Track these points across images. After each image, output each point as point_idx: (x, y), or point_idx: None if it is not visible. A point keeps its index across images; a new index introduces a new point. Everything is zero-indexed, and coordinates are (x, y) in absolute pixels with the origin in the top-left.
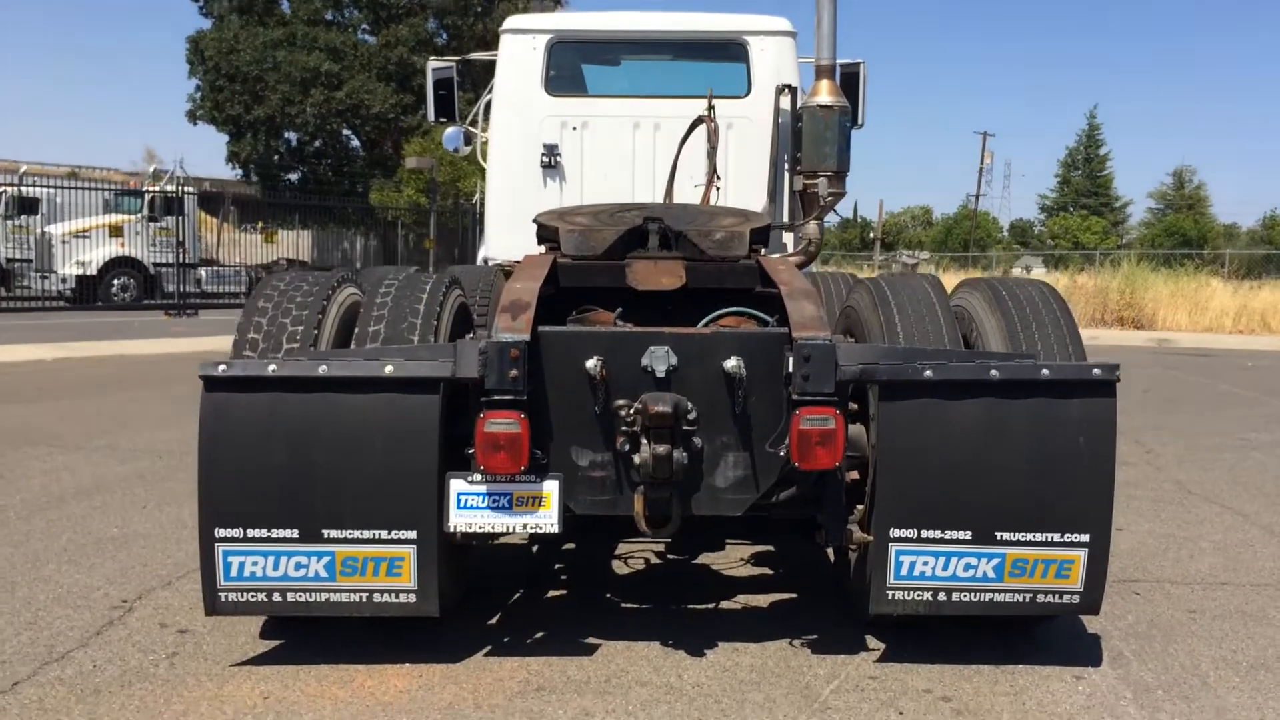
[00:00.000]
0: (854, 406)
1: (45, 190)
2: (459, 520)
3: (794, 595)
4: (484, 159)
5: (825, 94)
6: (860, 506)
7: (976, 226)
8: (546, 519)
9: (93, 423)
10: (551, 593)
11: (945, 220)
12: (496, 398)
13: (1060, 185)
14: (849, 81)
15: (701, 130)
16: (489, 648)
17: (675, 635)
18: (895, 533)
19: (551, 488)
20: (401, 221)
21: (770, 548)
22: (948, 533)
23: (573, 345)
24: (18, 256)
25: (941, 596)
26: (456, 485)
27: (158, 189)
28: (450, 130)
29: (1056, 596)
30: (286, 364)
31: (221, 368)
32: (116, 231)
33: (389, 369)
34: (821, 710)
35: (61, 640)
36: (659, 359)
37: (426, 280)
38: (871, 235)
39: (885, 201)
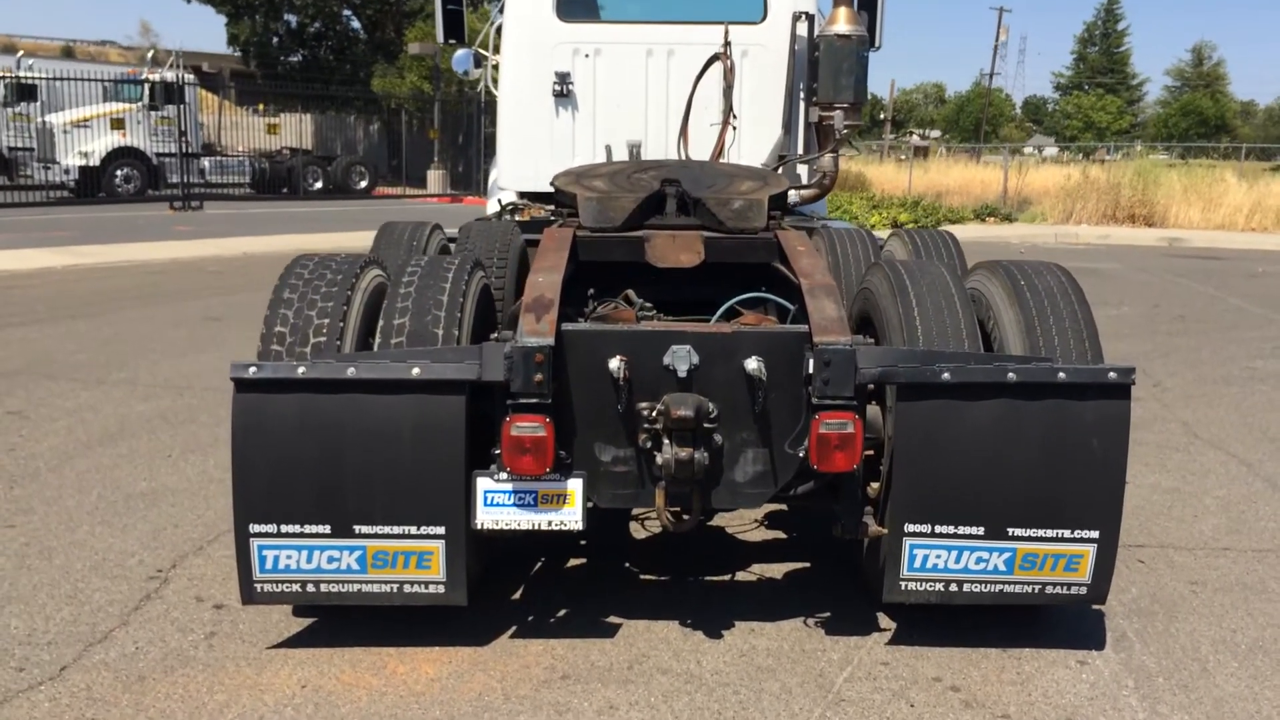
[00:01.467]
0: (870, 386)
1: (43, 80)
2: (485, 517)
3: (807, 565)
4: (494, 86)
5: (843, 22)
6: (875, 484)
7: (990, 105)
8: (570, 516)
9: (110, 351)
10: (572, 561)
11: (957, 98)
12: (522, 400)
13: (1076, 62)
14: (868, 3)
15: (717, 67)
16: (514, 628)
17: (693, 614)
18: (910, 527)
19: (575, 486)
20: (405, 109)
21: (783, 506)
22: (961, 528)
23: (596, 345)
24: (19, 145)
25: (953, 587)
26: (483, 484)
27: (157, 76)
28: (460, 52)
29: (1064, 588)
30: (316, 366)
31: (252, 370)
32: (118, 124)
33: (416, 371)
34: (835, 702)
35: (103, 617)
36: (681, 358)
37: (449, 267)
38: (882, 115)
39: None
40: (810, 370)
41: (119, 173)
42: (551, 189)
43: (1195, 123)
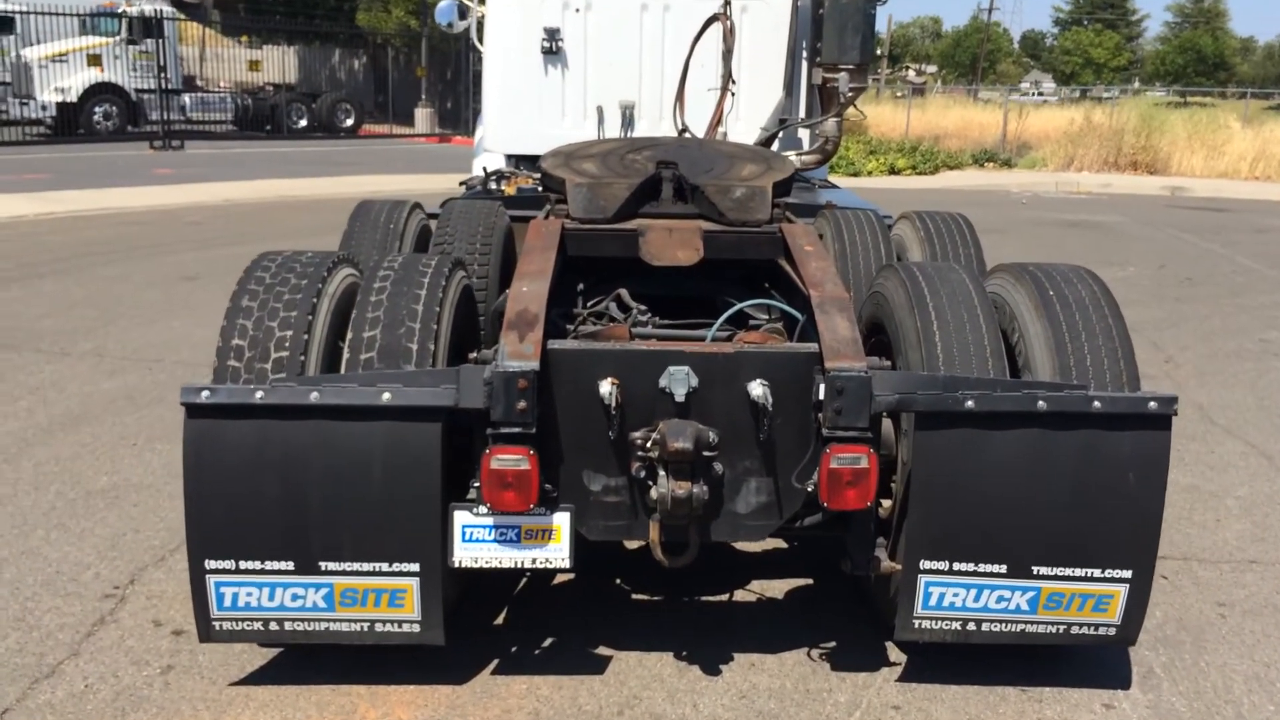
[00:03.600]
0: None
1: (18, 13)
2: (463, 554)
3: (809, 581)
4: (480, 40)
5: None
6: (887, 503)
7: (988, 40)
8: (557, 553)
9: (78, 316)
10: (558, 576)
11: (955, 33)
12: (504, 430)
13: None
14: None
15: (715, 28)
16: (496, 662)
17: (689, 645)
18: (926, 564)
19: (563, 520)
20: (392, 45)
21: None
22: (981, 565)
23: (585, 366)
24: None
25: (970, 626)
26: (461, 517)
27: (135, 9)
28: (444, 2)
29: (1092, 629)
30: (276, 390)
31: (205, 394)
32: (95, 60)
33: (386, 397)
34: None
35: (52, 645)
36: (678, 381)
37: (425, 269)
38: (879, 51)
39: (894, 12)
40: (821, 396)
41: (98, 110)
42: (540, 170)
43: (1194, 60)
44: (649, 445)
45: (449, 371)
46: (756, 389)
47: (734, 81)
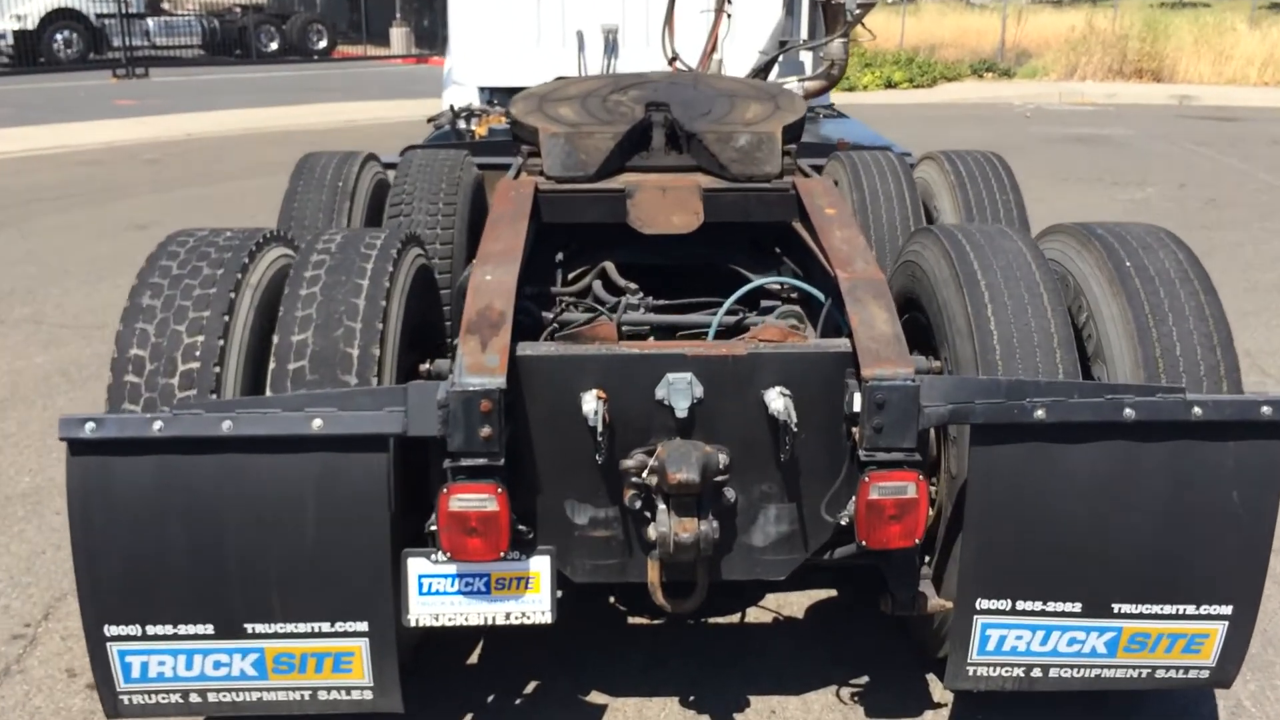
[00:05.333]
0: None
1: None
2: (421, 610)
3: (833, 593)
4: None
5: None
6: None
7: None
8: (536, 605)
9: (17, 276)
10: None
11: None
12: (465, 463)
13: None
14: None
15: None
16: (468, 718)
17: (697, 686)
18: (983, 603)
19: (541, 566)
20: None
21: None
22: (1050, 604)
23: (564, 375)
24: None
25: (1035, 673)
26: (417, 566)
27: None
28: None
29: (1180, 671)
30: (179, 419)
31: (90, 426)
32: None
33: (317, 424)
34: None
35: None
36: (679, 392)
37: (370, 248)
38: None
39: None
40: (856, 408)
41: (58, 37)
42: (509, 117)
43: None
44: (645, 472)
45: (394, 390)
46: (776, 401)
47: (729, 1)
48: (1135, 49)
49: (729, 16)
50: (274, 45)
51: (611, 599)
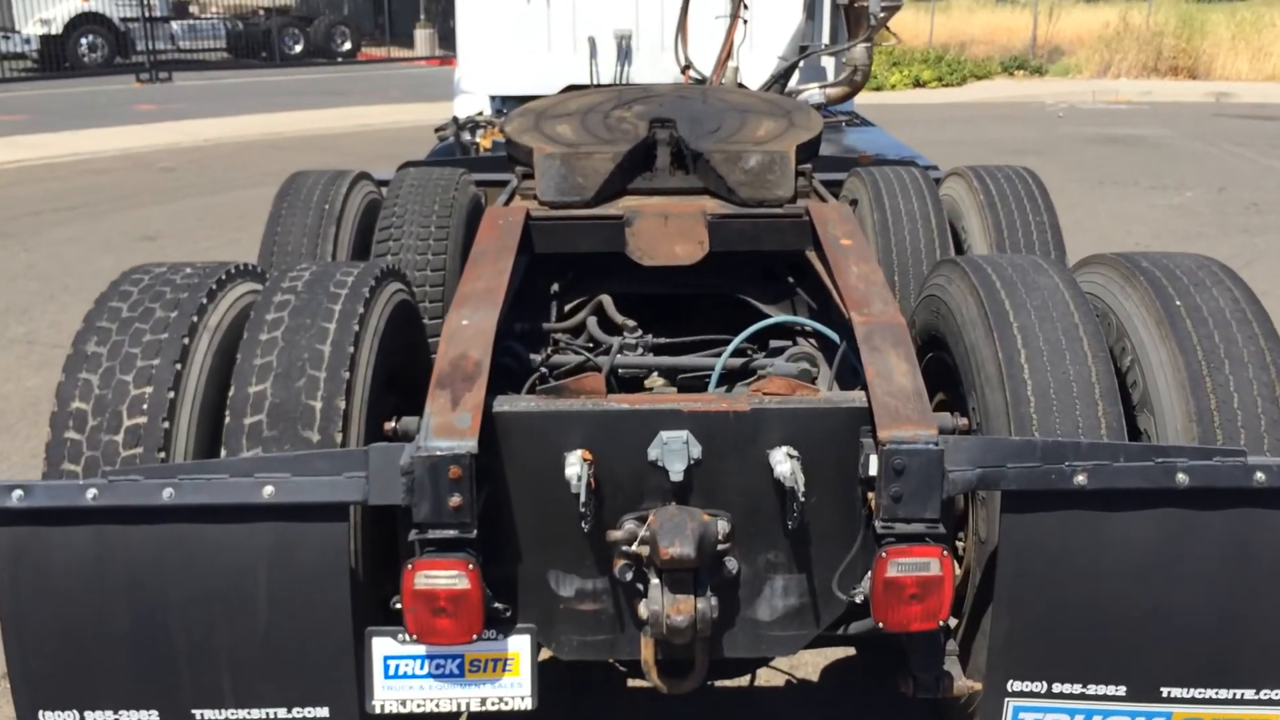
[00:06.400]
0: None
1: None
2: (387, 695)
3: (850, 651)
4: None
5: None
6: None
7: None
8: (515, 689)
9: (18, 290)
10: None
11: None
12: (433, 534)
13: None
14: None
15: None
16: None
17: None
18: (1016, 685)
19: (521, 646)
20: None
21: None
22: (1092, 686)
23: (545, 435)
24: None
25: None
26: (382, 646)
27: None
28: None
29: None
30: (116, 487)
31: (18, 495)
32: None
33: (268, 491)
34: None
35: None
36: (674, 452)
37: (340, 285)
38: None
39: None
40: (872, 472)
41: (83, 41)
42: (504, 136)
43: None
44: (635, 543)
45: (354, 454)
46: (783, 464)
47: (745, 7)
48: (1170, 45)
49: (745, 22)
50: (298, 48)
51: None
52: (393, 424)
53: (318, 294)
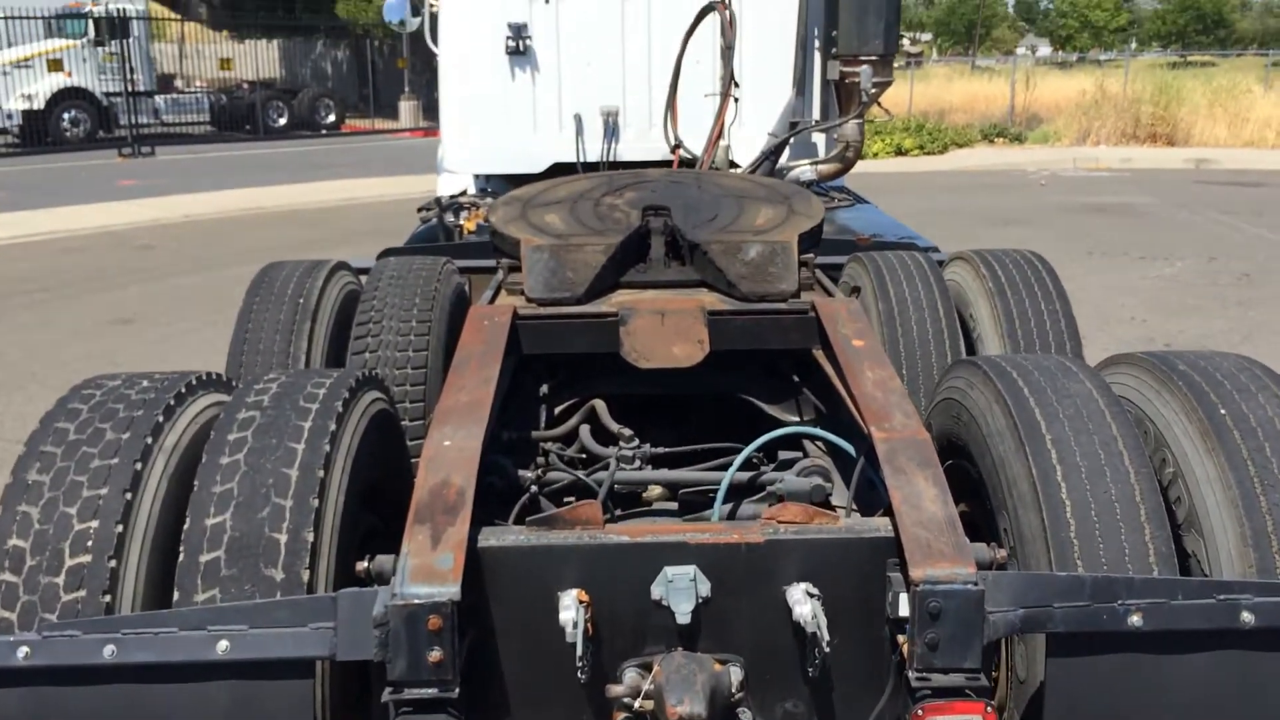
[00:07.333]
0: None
1: None
2: None
3: None
4: (434, 41)
5: None
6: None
7: (983, 6)
8: None
9: None
10: None
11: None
12: (410, 694)
13: None
14: None
15: (712, 20)
16: None
17: None
18: None
19: None
20: (374, 36)
21: None
22: None
23: (537, 570)
24: None
25: None
26: None
27: (100, 9)
28: None
29: None
30: (50, 645)
31: None
32: (56, 65)
33: (223, 646)
34: None
35: None
36: (680, 591)
37: (309, 403)
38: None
39: None
40: (903, 612)
41: (66, 116)
42: (489, 227)
43: (1193, 18)
44: (639, 700)
45: (320, 602)
46: (802, 605)
47: (736, 85)
48: (1149, 112)
49: (736, 100)
50: (283, 120)
51: None
52: (365, 564)
53: (285, 409)
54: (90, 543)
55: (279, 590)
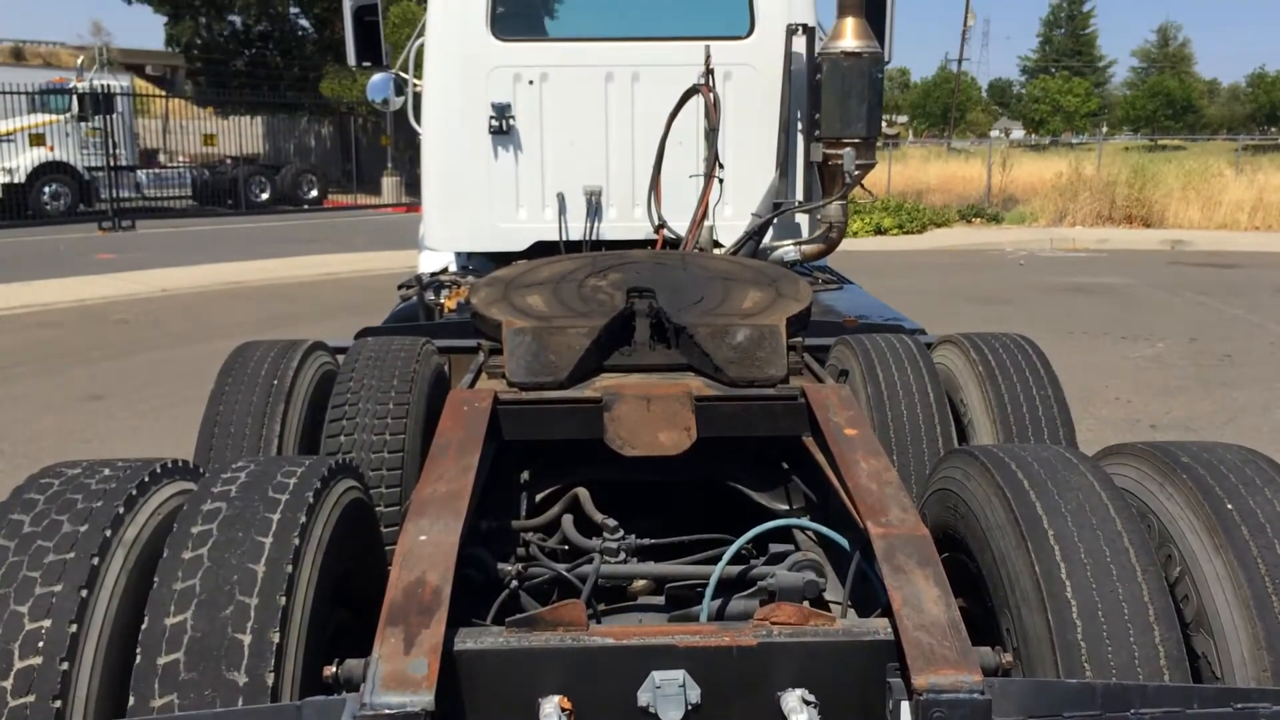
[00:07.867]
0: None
1: None
2: None
3: None
4: (417, 121)
5: (851, 36)
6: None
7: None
8: None
9: None
10: None
11: (923, 83)
12: None
13: (1042, 45)
14: (875, 8)
15: (695, 102)
16: None
17: None
18: None
19: None
20: (357, 114)
21: None
22: None
23: (516, 675)
24: None
25: None
26: None
27: (84, 85)
28: (377, 77)
29: None
30: None
31: None
32: (38, 139)
33: None
34: None
35: None
36: (669, 698)
37: (277, 495)
38: None
39: None
40: (903, 717)
41: (46, 190)
42: (470, 309)
43: (1163, 104)
44: None
45: (284, 712)
46: (797, 713)
47: (721, 166)
48: (1124, 195)
49: (720, 181)
50: (265, 195)
51: None
52: (334, 668)
53: (253, 500)
54: (41, 644)
55: (241, 696)
